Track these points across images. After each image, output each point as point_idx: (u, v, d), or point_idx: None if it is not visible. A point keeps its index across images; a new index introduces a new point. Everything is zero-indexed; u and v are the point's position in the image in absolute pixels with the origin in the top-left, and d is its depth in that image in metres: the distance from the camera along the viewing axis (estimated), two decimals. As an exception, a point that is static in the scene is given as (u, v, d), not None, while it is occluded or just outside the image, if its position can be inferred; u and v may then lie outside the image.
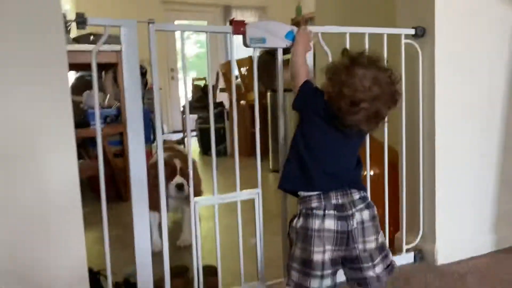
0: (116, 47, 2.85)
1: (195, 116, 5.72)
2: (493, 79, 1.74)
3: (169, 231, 1.35)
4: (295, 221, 1.24)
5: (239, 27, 1.33)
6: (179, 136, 6.57)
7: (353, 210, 1.20)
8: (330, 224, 1.18)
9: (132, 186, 1.25)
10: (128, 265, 1.46)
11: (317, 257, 1.18)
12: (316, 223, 1.18)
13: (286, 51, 1.44)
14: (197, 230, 1.35)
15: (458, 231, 1.73)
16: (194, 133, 5.82)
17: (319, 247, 1.17)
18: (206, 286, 1.39)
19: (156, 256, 1.34)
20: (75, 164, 1.15)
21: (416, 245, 1.71)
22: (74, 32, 3.44)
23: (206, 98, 6.03)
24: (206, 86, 6.04)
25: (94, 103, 1.23)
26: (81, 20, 1.13)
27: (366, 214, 1.21)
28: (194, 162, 2.02)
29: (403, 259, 1.69)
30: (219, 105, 5.14)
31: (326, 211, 1.18)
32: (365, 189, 1.27)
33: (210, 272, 1.47)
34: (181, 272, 1.57)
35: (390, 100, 1.16)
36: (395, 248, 1.74)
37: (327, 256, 1.18)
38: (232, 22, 1.35)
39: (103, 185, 1.22)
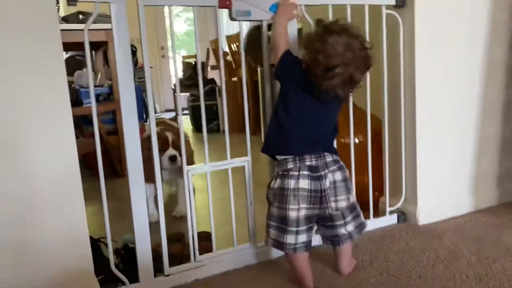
0: (105, 26, 2.89)
1: (187, 94, 5.75)
2: (472, 45, 1.80)
3: (164, 203, 1.42)
4: (272, 182, 1.34)
5: (224, 0, 1.38)
6: (171, 114, 6.59)
7: (326, 171, 1.29)
8: (304, 183, 1.27)
9: (128, 161, 1.31)
10: (126, 233, 1.54)
11: (292, 214, 1.27)
12: (291, 183, 1.27)
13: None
14: (191, 198, 1.42)
15: (438, 194, 1.82)
16: (186, 111, 5.86)
17: (294, 205, 1.27)
18: (201, 249, 1.47)
19: (153, 226, 1.41)
20: (73, 140, 1.21)
21: (399, 207, 1.81)
22: (62, 12, 3.43)
23: (197, 76, 6.04)
24: (196, 63, 6.05)
25: (87, 81, 1.29)
26: (71, -3, 1.17)
27: (338, 175, 1.31)
28: (185, 135, 2.08)
29: (387, 220, 1.78)
30: (210, 82, 5.17)
31: (301, 172, 1.27)
32: (337, 153, 1.35)
33: (204, 237, 1.56)
34: (177, 238, 1.65)
35: (363, 65, 1.23)
36: (380, 211, 1.83)
37: (302, 213, 1.28)
38: (217, -4, 1.39)
39: (100, 159, 1.28)
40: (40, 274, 1.19)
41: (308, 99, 1.29)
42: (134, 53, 5.34)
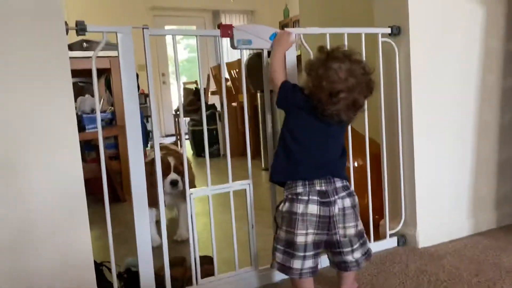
0: (108, 53, 2.95)
1: (187, 119, 5.81)
2: (466, 71, 1.85)
3: (168, 228, 1.43)
4: (281, 205, 1.34)
5: (226, 30, 1.43)
6: (172, 139, 6.65)
7: (336, 197, 1.29)
8: (313, 209, 1.27)
9: (132, 186, 1.33)
10: (128, 257, 1.56)
11: (300, 239, 1.27)
12: (300, 208, 1.27)
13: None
14: (193, 220, 1.44)
15: (438, 216, 1.84)
16: (187, 136, 5.90)
17: (302, 230, 1.27)
18: (203, 273, 1.48)
19: (155, 250, 1.42)
20: (79, 163, 1.24)
21: (399, 230, 1.82)
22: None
23: (198, 101, 6.10)
24: (197, 89, 6.13)
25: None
26: (81, 27, 1.23)
27: (347, 201, 1.31)
28: (187, 160, 2.12)
29: (388, 243, 1.79)
30: (210, 107, 5.24)
31: (310, 197, 1.28)
32: (347, 179, 1.36)
33: (206, 261, 1.57)
34: (179, 262, 1.66)
35: (365, 89, 1.27)
36: (380, 234, 1.85)
37: (310, 239, 1.28)
38: (220, 26, 1.45)
39: (105, 182, 1.31)
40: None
41: (313, 124, 1.31)
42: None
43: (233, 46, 1.47)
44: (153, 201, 1.42)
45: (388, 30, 1.74)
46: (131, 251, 1.60)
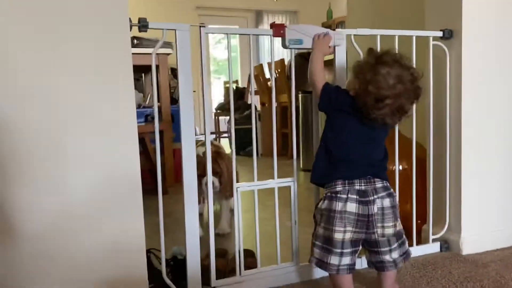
0: (159, 50, 3.06)
1: (226, 118, 5.90)
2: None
3: (207, 221, 1.49)
4: (320, 203, 1.37)
5: (279, 29, 1.47)
6: (212, 137, 6.75)
7: (375, 196, 1.30)
8: (351, 207, 1.29)
9: (184, 181, 1.40)
10: (172, 245, 1.62)
11: (337, 236, 1.30)
12: (339, 205, 1.30)
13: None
14: (239, 214, 1.49)
15: (483, 224, 1.80)
16: (226, 134, 6.00)
17: (340, 227, 1.29)
18: (245, 265, 1.52)
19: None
20: (137, 153, 1.31)
21: (442, 235, 1.80)
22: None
23: (238, 100, 6.18)
24: (238, 88, 6.21)
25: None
26: (143, 24, 1.30)
27: (387, 201, 1.32)
28: (228, 159, 2.16)
29: (430, 248, 1.78)
30: (250, 106, 5.30)
31: (349, 195, 1.30)
32: (388, 180, 1.37)
33: (248, 254, 1.61)
34: (221, 254, 1.71)
35: (413, 96, 1.27)
36: (422, 239, 1.83)
37: (348, 236, 1.30)
38: (272, 25, 1.48)
39: (160, 174, 1.38)
40: (96, 277, 1.28)
41: (356, 125, 1.32)
42: (176, 76, 5.56)
43: (284, 46, 1.50)
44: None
45: (440, 34, 1.72)
46: (174, 240, 1.67)
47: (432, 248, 1.78)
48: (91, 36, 1.23)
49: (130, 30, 1.28)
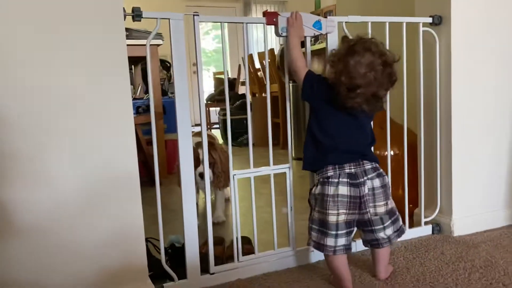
0: (152, 41, 3.04)
1: (217, 109, 5.90)
2: (509, 64, 1.84)
3: (203, 210, 1.51)
4: (314, 188, 1.41)
5: (271, 18, 1.48)
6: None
7: (365, 178, 1.35)
8: (343, 190, 1.34)
9: (182, 171, 1.40)
10: (168, 234, 1.64)
11: (331, 218, 1.35)
12: (331, 190, 1.34)
13: (315, 40, 1.57)
14: (236, 200, 1.51)
15: (473, 206, 1.85)
16: (217, 125, 6.01)
17: (334, 210, 1.34)
18: (242, 252, 1.55)
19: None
20: (134, 143, 1.32)
21: (434, 218, 1.84)
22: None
23: (229, 91, 6.15)
24: (229, 79, 6.20)
25: (148, 93, 1.39)
26: (137, 14, 1.30)
27: (377, 182, 1.36)
28: (221, 149, 2.18)
29: (422, 231, 1.82)
30: (241, 96, 5.30)
31: (340, 179, 1.34)
32: (377, 161, 1.41)
33: (245, 241, 1.64)
34: (218, 242, 1.74)
35: (386, 82, 1.29)
36: (414, 223, 1.87)
37: (341, 218, 1.35)
38: (265, 13, 1.49)
39: (157, 166, 1.39)
40: (95, 267, 1.29)
41: (340, 114, 1.35)
42: (168, 68, 5.54)
43: (277, 34, 1.51)
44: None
45: (429, 19, 1.75)
46: (171, 229, 1.69)
47: (424, 230, 1.83)
48: (84, 26, 1.22)
49: (124, 20, 1.28)
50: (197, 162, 2.11)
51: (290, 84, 3.99)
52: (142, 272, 1.36)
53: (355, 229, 1.41)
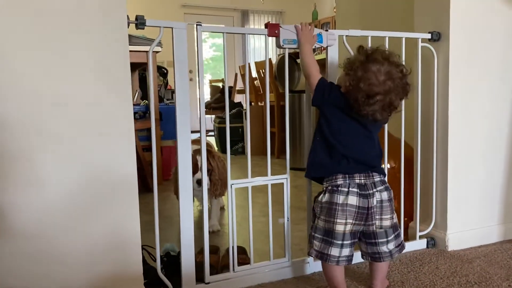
0: (145, 48, 3.05)
1: (213, 116, 5.90)
2: (506, 80, 1.87)
3: (198, 219, 1.50)
4: (320, 196, 1.39)
5: (273, 29, 1.49)
6: (197, 135, 6.72)
7: (374, 190, 1.35)
8: (352, 200, 1.33)
9: (180, 179, 1.40)
10: (163, 243, 1.62)
11: (339, 228, 1.33)
12: (340, 199, 1.33)
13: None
14: (233, 209, 1.50)
15: (468, 221, 1.86)
16: (212, 133, 6.00)
17: (342, 219, 1.33)
18: (238, 262, 1.54)
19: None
20: (133, 148, 1.32)
21: (429, 232, 1.85)
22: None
23: (224, 99, 6.15)
24: (224, 87, 6.21)
25: (148, 100, 1.39)
26: (141, 22, 1.30)
27: (385, 194, 1.37)
28: (219, 157, 2.18)
29: (417, 245, 1.83)
30: (237, 105, 5.31)
31: (350, 189, 1.33)
32: (384, 174, 1.41)
33: (239, 251, 1.63)
34: (213, 251, 1.73)
35: (401, 92, 1.31)
36: (409, 236, 1.88)
37: (348, 228, 1.34)
38: (267, 25, 1.51)
39: (155, 172, 1.38)
40: (90, 274, 1.28)
41: (352, 123, 1.36)
42: (165, 75, 5.55)
43: (278, 45, 1.52)
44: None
45: (428, 36, 1.77)
46: (164, 237, 1.68)
47: (419, 244, 1.83)
48: (88, 33, 1.23)
49: (128, 28, 1.29)
50: (195, 168, 2.11)
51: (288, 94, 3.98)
52: (137, 280, 1.35)
53: (356, 240, 1.40)
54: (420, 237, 1.84)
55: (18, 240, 1.19)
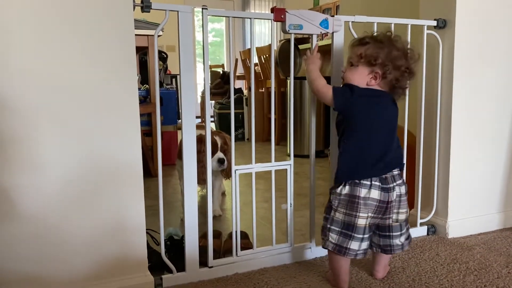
0: (147, 32, 3.02)
1: (213, 102, 5.88)
2: (510, 70, 1.87)
3: (200, 203, 1.50)
4: (339, 188, 1.35)
5: (279, 14, 1.48)
6: (197, 121, 6.71)
7: (394, 184, 1.34)
8: (374, 193, 1.32)
9: (185, 163, 1.40)
10: (166, 227, 1.63)
11: (361, 221, 1.32)
12: (362, 192, 1.32)
13: (306, 40, 1.58)
14: (237, 195, 1.51)
15: (469, 209, 1.88)
16: (212, 118, 5.99)
17: (364, 213, 1.32)
18: (241, 246, 1.55)
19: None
20: (138, 133, 1.31)
21: (429, 220, 1.87)
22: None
23: (224, 85, 6.12)
24: (224, 72, 6.17)
25: (153, 84, 1.38)
26: (146, 5, 1.29)
27: (403, 189, 1.37)
28: (230, 139, 2.19)
29: (417, 231, 1.84)
30: (237, 91, 5.30)
31: (373, 182, 1.32)
32: (403, 167, 1.42)
33: (242, 236, 1.64)
34: (215, 235, 1.74)
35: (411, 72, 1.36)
36: (410, 223, 1.88)
37: (368, 222, 1.34)
38: (273, 9, 1.49)
39: (160, 158, 1.38)
40: (95, 258, 1.30)
41: (379, 114, 1.34)
42: (165, 59, 5.50)
43: (284, 30, 1.51)
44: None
45: (434, 23, 1.76)
46: (166, 223, 1.69)
47: (420, 231, 1.85)
48: (94, 15, 1.22)
49: (134, 10, 1.27)
50: (215, 148, 2.13)
51: (288, 80, 3.99)
52: (141, 264, 1.36)
53: None
54: (421, 224, 1.86)
55: (24, 223, 1.20)
